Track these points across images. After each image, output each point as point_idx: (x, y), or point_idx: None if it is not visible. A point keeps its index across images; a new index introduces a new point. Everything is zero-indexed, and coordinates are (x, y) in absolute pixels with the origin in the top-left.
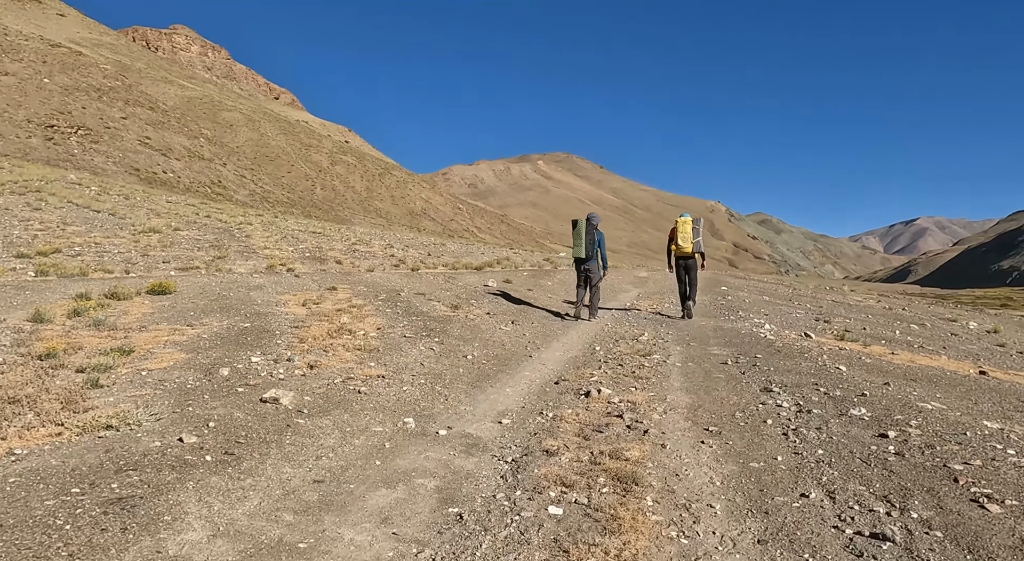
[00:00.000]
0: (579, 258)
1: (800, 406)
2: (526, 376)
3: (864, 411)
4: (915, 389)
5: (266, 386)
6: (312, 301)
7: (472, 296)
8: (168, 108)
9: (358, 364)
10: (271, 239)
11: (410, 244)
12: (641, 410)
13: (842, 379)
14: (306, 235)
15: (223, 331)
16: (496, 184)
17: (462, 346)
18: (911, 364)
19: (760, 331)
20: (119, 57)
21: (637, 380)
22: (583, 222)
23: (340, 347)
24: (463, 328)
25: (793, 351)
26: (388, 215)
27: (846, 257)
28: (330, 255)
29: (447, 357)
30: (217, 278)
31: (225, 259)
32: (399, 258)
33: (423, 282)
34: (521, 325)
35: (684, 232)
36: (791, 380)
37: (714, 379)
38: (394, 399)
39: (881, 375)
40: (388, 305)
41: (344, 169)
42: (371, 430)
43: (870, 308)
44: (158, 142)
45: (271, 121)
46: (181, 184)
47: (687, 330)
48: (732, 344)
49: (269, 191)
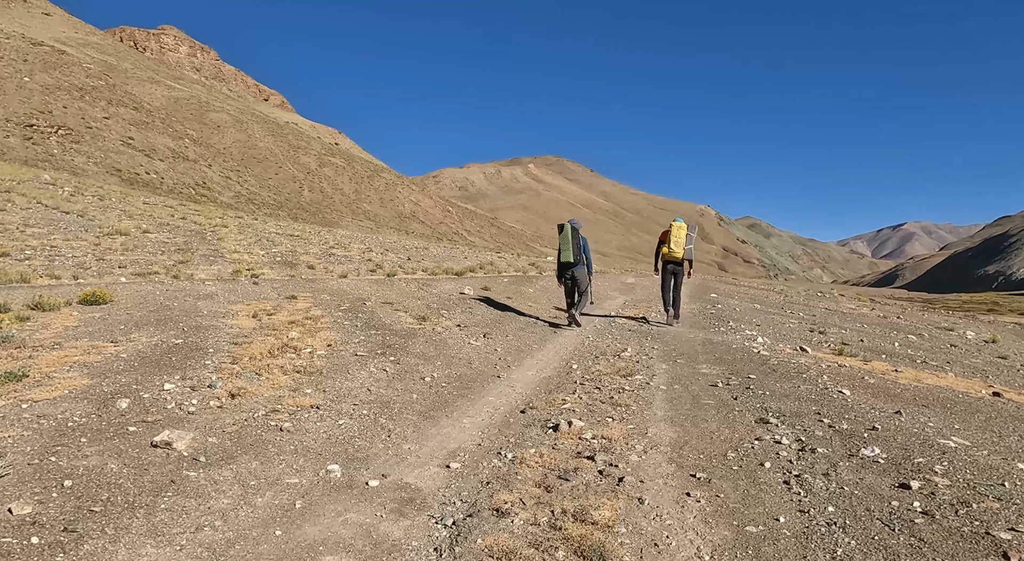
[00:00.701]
0: (567, 263)
1: (802, 443)
2: (490, 402)
3: (878, 451)
4: (930, 418)
5: (166, 423)
6: (265, 312)
7: (445, 305)
8: (153, 108)
9: (292, 391)
10: (244, 242)
11: (391, 248)
12: (617, 449)
13: (847, 406)
14: (282, 238)
15: (148, 349)
16: (486, 187)
17: (422, 366)
18: (918, 384)
19: (753, 345)
20: (105, 57)
21: (615, 407)
22: (569, 227)
23: (277, 369)
24: (427, 343)
25: (790, 370)
26: (377, 218)
27: (834, 261)
28: (303, 259)
29: (401, 380)
30: (165, 286)
31: (188, 264)
32: (376, 263)
33: (395, 289)
34: (494, 339)
35: (677, 237)
36: (790, 408)
37: (703, 406)
38: (323, 437)
39: (889, 400)
40: (349, 316)
41: (332, 171)
42: (283, 483)
43: (864, 317)
44: (141, 143)
45: (259, 122)
46: (164, 185)
47: (674, 344)
48: (723, 361)
49: (255, 193)
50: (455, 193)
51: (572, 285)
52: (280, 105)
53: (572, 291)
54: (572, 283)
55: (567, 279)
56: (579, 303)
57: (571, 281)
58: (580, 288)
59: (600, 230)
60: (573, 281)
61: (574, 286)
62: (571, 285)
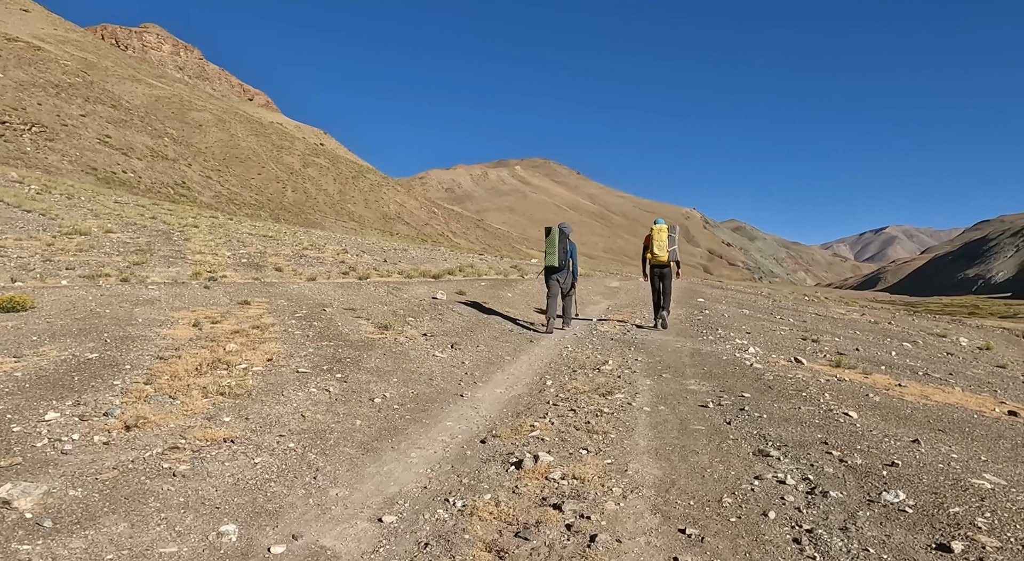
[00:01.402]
0: (552, 267)
1: (811, 483)
2: (447, 429)
3: (903, 496)
4: (952, 447)
5: (22, 470)
6: (210, 320)
7: (413, 312)
8: (132, 107)
9: (206, 420)
10: (211, 243)
11: (368, 249)
12: (591, 494)
13: (857, 433)
14: (254, 239)
15: (52, 365)
16: (473, 189)
17: (374, 384)
18: (927, 402)
19: (744, 356)
20: (85, 54)
21: (591, 435)
22: (556, 231)
23: (198, 390)
24: (385, 356)
25: (787, 387)
26: (361, 219)
27: (818, 264)
28: (272, 261)
29: (346, 401)
30: (104, 290)
31: (144, 265)
32: (350, 265)
33: (361, 294)
34: (463, 350)
35: (659, 240)
36: (792, 435)
37: (692, 433)
38: (228, 483)
39: (901, 423)
40: (302, 325)
41: (317, 171)
42: (153, 555)
43: (856, 323)
44: (119, 141)
45: (242, 122)
46: (142, 184)
47: (659, 355)
48: (713, 376)
49: (236, 193)
50: (441, 195)
51: (556, 291)
52: (265, 105)
53: (557, 294)
54: (556, 288)
55: (550, 284)
56: (564, 309)
57: (555, 286)
58: (564, 292)
59: (586, 233)
60: (557, 286)
61: (557, 292)
62: (555, 290)
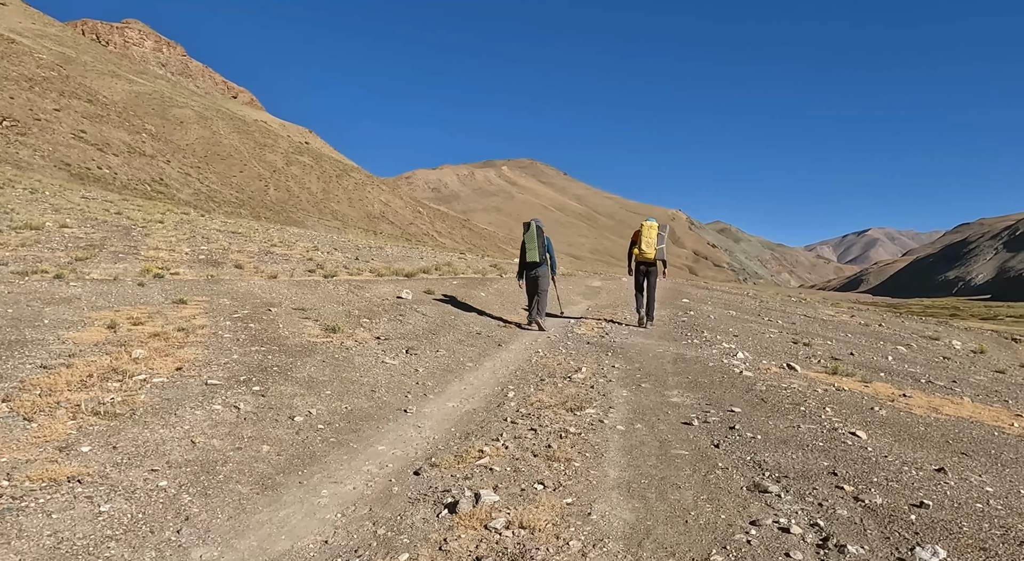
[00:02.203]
0: (532, 262)
1: (822, 532)
2: (378, 455)
3: (943, 554)
4: (984, 476)
5: None
6: (132, 321)
7: (371, 312)
8: (110, 102)
9: (57, 450)
10: (172, 239)
11: (342, 247)
12: (540, 551)
13: (870, 459)
14: (221, 235)
15: None
16: (460, 189)
17: (300, 398)
18: (938, 416)
19: (733, 362)
20: (64, 49)
21: (552, 463)
22: (534, 226)
23: (67, 410)
24: (324, 364)
25: (782, 400)
26: (344, 218)
27: (801, 266)
28: (233, 258)
29: (257, 421)
30: (13, 288)
31: (88, 261)
32: (318, 262)
33: (319, 293)
34: (419, 355)
35: (648, 237)
36: (793, 462)
37: (673, 461)
38: (42, 549)
39: (916, 444)
40: (238, 327)
41: (300, 170)
42: None
43: (846, 325)
44: (95, 136)
45: (225, 119)
46: (118, 181)
47: (639, 361)
48: (698, 385)
49: (216, 190)
50: (428, 194)
51: (534, 286)
52: (249, 103)
53: (533, 292)
54: (534, 284)
55: (529, 279)
56: (539, 305)
57: (533, 281)
58: (541, 287)
59: (573, 233)
60: (535, 282)
61: (535, 287)
62: (532, 286)
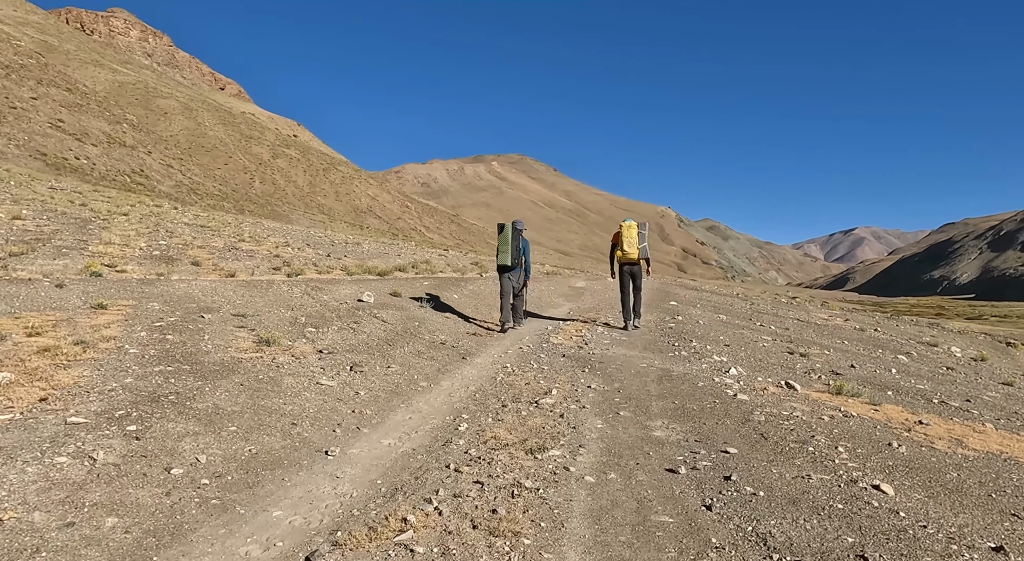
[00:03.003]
0: (504, 266)
1: None
2: (268, 525)
3: None
4: None
5: None
6: (28, 331)
7: (321, 319)
8: (91, 91)
9: None
10: (130, 233)
11: (317, 242)
12: None
13: (905, 533)
14: (188, 229)
15: None
16: (450, 184)
17: (191, 439)
18: (965, 452)
19: (725, 380)
20: (46, 37)
21: (493, 540)
22: (509, 228)
23: None
24: (240, 388)
25: (785, 435)
26: (331, 212)
27: (789, 264)
28: (192, 254)
29: (114, 480)
30: None
31: (23, 257)
32: (285, 260)
33: (269, 295)
34: (365, 373)
35: (629, 237)
36: (808, 537)
37: (653, 536)
38: None
39: (957, 504)
40: (152, 339)
41: (286, 163)
42: None
43: (841, 330)
44: (73, 126)
45: (211, 111)
46: (96, 172)
47: (619, 378)
48: (686, 413)
49: (199, 183)
50: (417, 189)
51: (509, 289)
52: (237, 94)
53: (508, 295)
54: (508, 287)
55: (503, 282)
56: (515, 308)
57: (507, 285)
58: (517, 293)
59: (562, 229)
60: (509, 285)
61: (509, 290)
62: (508, 289)
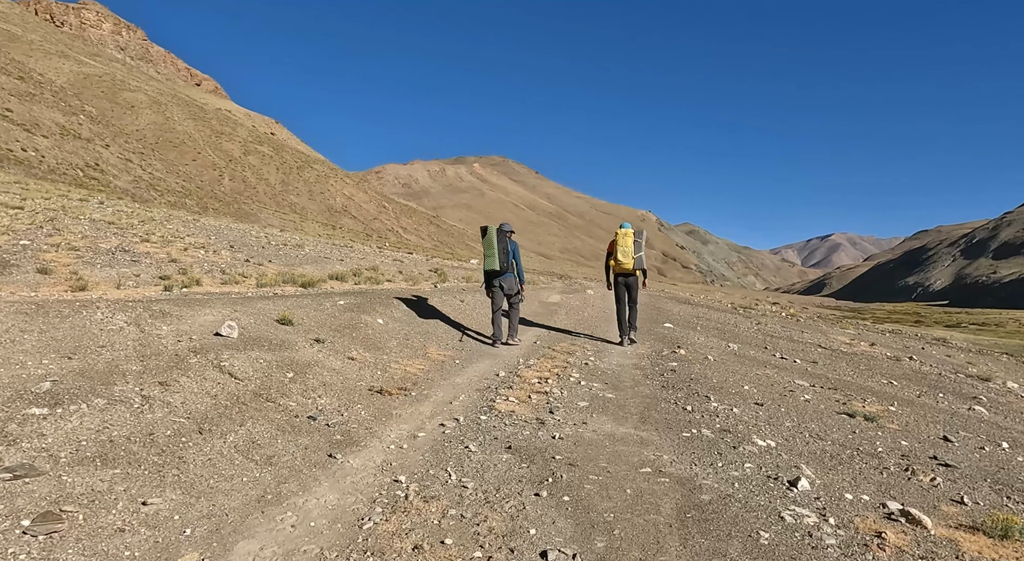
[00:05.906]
0: (493, 271)
1: None
2: None
3: None
4: None
5: None
6: None
7: (97, 380)
8: (46, 81)
9: None
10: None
11: (246, 243)
12: None
13: None
14: (88, 224)
15: None
16: (430, 185)
17: None
18: None
19: (802, 514)
20: (9, 26)
21: None
22: (494, 230)
23: None
24: None
25: None
26: (303, 211)
27: (767, 269)
28: (50, 257)
29: None
30: None
31: None
32: (183, 266)
33: (59, 327)
34: (85, 517)
35: (624, 245)
36: None
37: None
38: None
39: None
40: None
41: (258, 160)
42: None
43: (876, 361)
44: (23, 116)
45: (181, 105)
46: (44, 165)
47: (606, 516)
48: None
49: (160, 179)
50: (398, 190)
51: (499, 299)
52: (213, 90)
53: (499, 305)
54: (499, 296)
55: (493, 290)
56: (510, 322)
57: (498, 293)
58: (511, 301)
59: (543, 232)
60: (500, 293)
61: (500, 299)
62: (497, 298)
